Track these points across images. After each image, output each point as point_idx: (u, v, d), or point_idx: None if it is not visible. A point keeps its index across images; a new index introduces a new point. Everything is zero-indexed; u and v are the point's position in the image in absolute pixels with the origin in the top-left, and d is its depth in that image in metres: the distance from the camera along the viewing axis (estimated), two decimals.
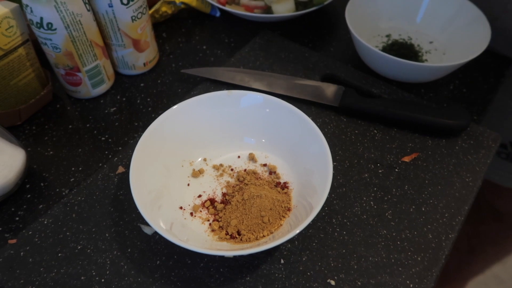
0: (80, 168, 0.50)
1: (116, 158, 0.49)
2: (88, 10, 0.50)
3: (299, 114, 0.45)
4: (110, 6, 0.51)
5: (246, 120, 0.48)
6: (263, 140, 0.48)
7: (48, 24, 0.47)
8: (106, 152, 0.51)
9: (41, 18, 0.47)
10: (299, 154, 0.46)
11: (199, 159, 0.48)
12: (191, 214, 0.44)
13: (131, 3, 0.52)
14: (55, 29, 0.48)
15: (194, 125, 0.47)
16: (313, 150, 0.44)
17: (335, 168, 0.48)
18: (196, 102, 0.47)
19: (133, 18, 0.53)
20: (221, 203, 0.44)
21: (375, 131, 0.52)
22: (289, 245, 0.42)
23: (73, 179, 0.49)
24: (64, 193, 0.47)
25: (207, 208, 0.44)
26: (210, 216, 0.44)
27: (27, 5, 0.46)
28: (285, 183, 0.46)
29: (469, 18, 0.59)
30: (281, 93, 0.54)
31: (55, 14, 0.47)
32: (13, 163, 0.45)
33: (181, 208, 0.44)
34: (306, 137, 0.45)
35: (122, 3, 0.51)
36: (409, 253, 0.42)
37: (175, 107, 0.46)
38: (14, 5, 0.48)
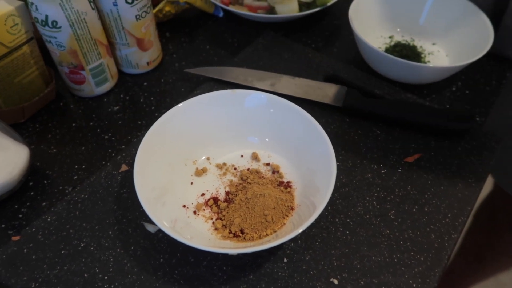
0: (83, 166, 0.50)
1: (119, 157, 0.49)
2: (93, 9, 0.50)
3: (303, 114, 0.46)
4: (115, 4, 0.51)
5: (250, 119, 0.48)
6: (267, 139, 0.48)
7: (53, 22, 0.47)
8: (109, 151, 0.51)
9: (46, 16, 0.47)
10: (303, 154, 0.46)
11: (202, 158, 0.48)
12: (194, 212, 0.44)
13: (135, 2, 0.52)
14: (60, 27, 0.48)
15: (198, 124, 0.47)
16: (317, 150, 0.44)
17: (338, 168, 0.47)
18: (201, 101, 0.47)
19: (138, 17, 0.53)
20: (224, 201, 0.44)
21: (378, 131, 0.52)
22: (292, 244, 0.42)
23: (76, 177, 0.49)
24: (67, 191, 0.47)
25: (210, 206, 0.44)
26: (213, 214, 0.44)
27: (32, 3, 0.47)
28: (288, 182, 0.46)
29: (472, 20, 0.59)
30: (284, 93, 0.55)
31: (60, 12, 0.47)
32: (17, 160, 0.45)
33: (184, 206, 0.44)
34: (310, 137, 0.45)
35: (127, 2, 0.51)
36: (412, 253, 0.42)
37: (180, 105, 0.46)
38: (19, 3, 0.48)
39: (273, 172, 0.47)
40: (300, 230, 0.37)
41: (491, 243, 0.85)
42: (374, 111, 0.52)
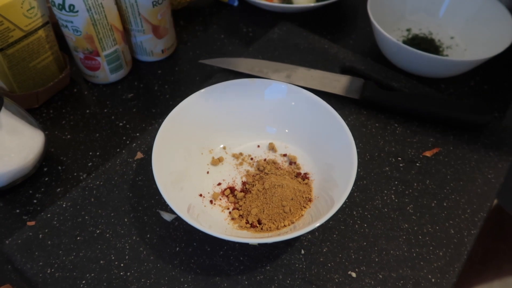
0: (98, 153, 0.49)
1: (134, 144, 0.48)
2: None
3: (325, 106, 0.45)
4: None
5: (269, 109, 0.47)
6: (286, 130, 0.48)
7: (70, 6, 0.47)
8: (124, 138, 0.51)
9: (63, 0, 0.46)
10: (322, 146, 0.45)
11: (219, 147, 0.47)
12: (211, 202, 0.43)
13: None
14: (77, 11, 0.47)
15: (215, 112, 0.47)
16: (337, 143, 0.43)
17: None
18: (220, 88, 0.46)
19: (154, 3, 0.53)
20: (241, 191, 0.44)
21: (395, 124, 0.51)
22: (310, 236, 0.42)
23: (90, 163, 0.48)
24: (82, 177, 0.47)
25: (227, 196, 0.44)
26: (230, 204, 0.43)
27: None
28: (305, 173, 0.45)
29: (492, 14, 0.58)
30: (300, 84, 0.54)
31: None
32: (32, 144, 0.44)
33: (200, 195, 0.43)
34: (330, 130, 0.44)
35: None
36: (431, 248, 0.41)
37: (202, 90, 0.45)
38: None
39: (290, 163, 0.46)
40: (319, 224, 0.37)
41: (496, 248, 0.85)
42: (392, 103, 0.51)
